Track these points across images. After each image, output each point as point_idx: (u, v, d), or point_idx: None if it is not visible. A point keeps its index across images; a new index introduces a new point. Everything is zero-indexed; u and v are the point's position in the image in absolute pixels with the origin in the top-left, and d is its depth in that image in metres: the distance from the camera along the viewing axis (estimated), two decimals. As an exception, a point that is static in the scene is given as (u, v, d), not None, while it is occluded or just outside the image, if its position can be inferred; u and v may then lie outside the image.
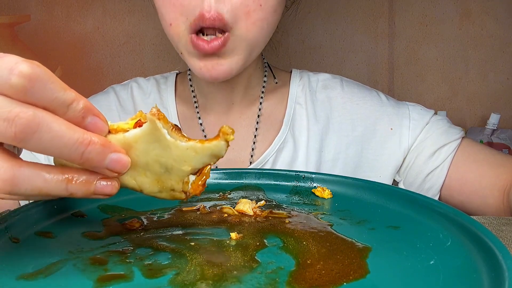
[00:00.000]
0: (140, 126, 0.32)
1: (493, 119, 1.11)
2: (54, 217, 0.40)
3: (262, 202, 0.45)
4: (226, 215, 0.42)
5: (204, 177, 0.34)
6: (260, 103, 0.69)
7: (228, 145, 0.33)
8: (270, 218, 0.41)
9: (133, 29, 1.10)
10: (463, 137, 0.65)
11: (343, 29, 1.12)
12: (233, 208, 0.43)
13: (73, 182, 0.31)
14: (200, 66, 0.56)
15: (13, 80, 0.27)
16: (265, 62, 0.72)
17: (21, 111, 0.28)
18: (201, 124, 0.68)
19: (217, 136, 0.33)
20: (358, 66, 1.13)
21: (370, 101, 0.68)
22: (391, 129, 0.66)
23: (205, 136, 0.68)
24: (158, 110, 0.32)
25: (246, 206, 0.43)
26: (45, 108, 0.29)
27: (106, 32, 1.10)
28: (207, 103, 0.69)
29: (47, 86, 0.28)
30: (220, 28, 0.54)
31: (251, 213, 0.42)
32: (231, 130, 0.33)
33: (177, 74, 0.75)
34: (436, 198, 0.64)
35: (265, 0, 0.54)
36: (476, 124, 1.17)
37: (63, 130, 0.29)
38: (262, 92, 0.69)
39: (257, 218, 0.41)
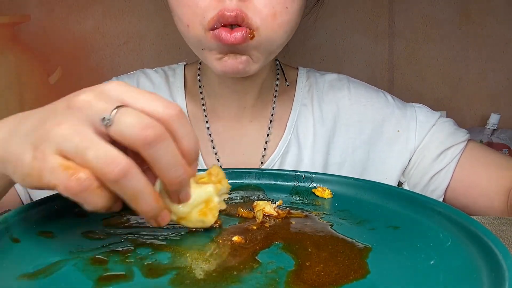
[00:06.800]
0: None
1: (493, 119, 1.11)
2: (54, 217, 0.40)
3: (280, 202, 0.44)
4: (229, 216, 0.42)
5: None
6: (273, 108, 0.67)
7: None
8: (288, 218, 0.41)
9: (133, 29, 1.09)
10: (468, 140, 0.64)
11: (343, 29, 1.12)
12: (253, 211, 0.42)
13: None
14: (221, 59, 0.54)
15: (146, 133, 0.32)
16: (277, 64, 0.70)
17: (150, 124, 0.31)
18: (208, 128, 0.66)
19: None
20: (358, 66, 1.13)
21: (377, 103, 0.68)
22: (398, 131, 0.66)
23: (212, 141, 0.66)
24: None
25: (267, 207, 0.42)
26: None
27: (106, 32, 1.10)
28: (217, 105, 0.66)
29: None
30: (243, 26, 0.51)
31: (275, 214, 0.42)
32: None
33: (185, 66, 0.71)
34: (441, 200, 0.63)
35: (291, 2, 0.53)
36: (476, 124, 1.17)
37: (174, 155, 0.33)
38: (275, 96, 0.68)
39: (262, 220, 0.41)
